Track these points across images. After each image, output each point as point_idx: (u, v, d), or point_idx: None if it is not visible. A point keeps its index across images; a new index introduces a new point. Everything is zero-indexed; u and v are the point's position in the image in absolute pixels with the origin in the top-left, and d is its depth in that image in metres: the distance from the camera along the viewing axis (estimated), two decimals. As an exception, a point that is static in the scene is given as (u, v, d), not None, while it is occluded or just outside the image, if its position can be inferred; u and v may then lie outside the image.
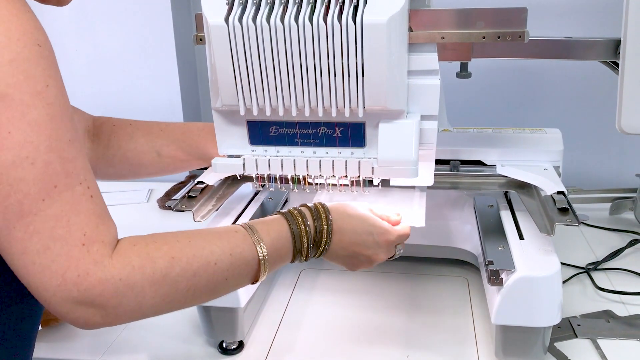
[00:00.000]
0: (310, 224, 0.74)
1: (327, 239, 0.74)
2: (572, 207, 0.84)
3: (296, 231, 0.72)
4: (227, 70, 0.75)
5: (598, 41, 0.95)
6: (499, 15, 0.76)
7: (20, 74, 0.53)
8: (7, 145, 0.52)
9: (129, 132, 0.95)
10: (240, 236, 0.67)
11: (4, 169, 0.52)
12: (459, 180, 1.01)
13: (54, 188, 0.54)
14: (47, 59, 0.55)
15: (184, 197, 0.94)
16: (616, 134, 0.89)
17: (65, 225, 0.54)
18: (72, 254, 0.54)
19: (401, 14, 0.71)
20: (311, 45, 0.72)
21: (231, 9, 0.72)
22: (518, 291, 0.79)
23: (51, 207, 0.54)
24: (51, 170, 0.54)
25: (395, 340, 0.92)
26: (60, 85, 0.56)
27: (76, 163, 0.56)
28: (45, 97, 0.54)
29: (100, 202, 0.58)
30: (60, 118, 0.55)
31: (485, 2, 0.86)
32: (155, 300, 0.59)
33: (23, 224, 0.53)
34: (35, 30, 0.55)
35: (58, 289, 0.54)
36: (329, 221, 0.75)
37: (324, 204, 0.77)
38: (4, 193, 0.52)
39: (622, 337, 0.90)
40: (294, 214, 0.73)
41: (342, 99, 0.75)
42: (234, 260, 0.65)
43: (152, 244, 0.60)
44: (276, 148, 0.83)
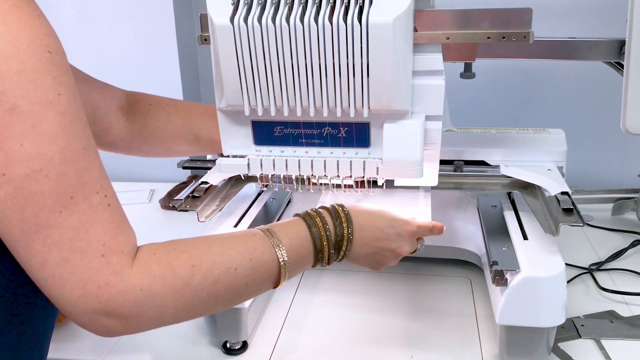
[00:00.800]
0: (330, 224, 0.73)
1: (349, 239, 0.74)
2: (576, 207, 0.84)
3: (315, 232, 0.71)
4: (232, 70, 0.75)
5: (602, 41, 0.95)
6: (504, 16, 0.76)
7: (29, 84, 0.51)
8: (20, 158, 0.51)
9: (167, 112, 0.94)
10: (258, 239, 0.67)
11: (18, 183, 0.51)
12: (462, 180, 1.01)
13: (70, 199, 0.53)
14: (58, 65, 0.54)
15: (188, 197, 0.94)
16: (618, 135, 0.89)
17: (83, 236, 0.54)
18: (92, 266, 0.54)
19: (406, 14, 0.71)
20: (316, 45, 0.72)
21: (236, 9, 0.72)
22: (523, 291, 0.79)
23: (68, 218, 0.53)
24: (66, 181, 0.53)
25: (399, 340, 0.92)
26: (72, 92, 0.55)
27: (92, 172, 0.56)
28: (56, 107, 0.53)
29: (118, 210, 0.58)
30: (73, 126, 0.54)
31: (489, 2, 0.86)
32: (177, 309, 0.59)
33: (41, 237, 0.53)
34: (46, 36, 0.53)
35: (79, 300, 0.54)
36: (349, 220, 0.74)
37: (342, 204, 0.76)
38: (19, 206, 0.52)
39: (625, 338, 0.90)
40: (312, 214, 0.73)
41: (347, 99, 0.75)
42: (254, 264, 0.65)
43: (172, 252, 0.60)
44: (281, 148, 0.83)
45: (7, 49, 0.50)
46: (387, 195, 0.95)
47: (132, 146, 0.95)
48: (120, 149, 0.95)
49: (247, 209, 1.03)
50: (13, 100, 0.51)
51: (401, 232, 0.78)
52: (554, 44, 0.97)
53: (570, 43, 0.97)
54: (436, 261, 1.11)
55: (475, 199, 1.05)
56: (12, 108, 0.50)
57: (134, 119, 0.94)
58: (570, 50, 0.97)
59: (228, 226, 0.96)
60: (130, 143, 0.94)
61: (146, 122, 0.94)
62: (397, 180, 0.94)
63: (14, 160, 0.51)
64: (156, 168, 1.63)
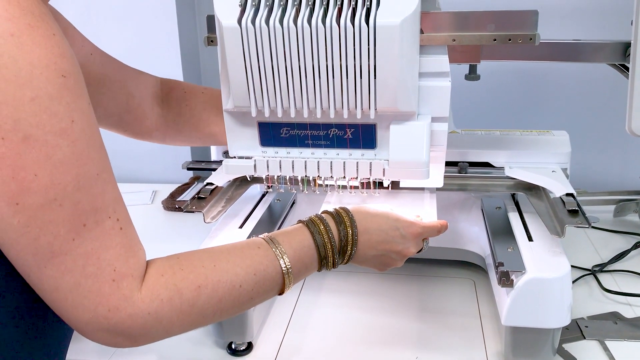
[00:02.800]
0: (334, 229, 0.73)
1: (354, 243, 0.74)
2: (581, 209, 0.85)
3: (319, 239, 0.71)
4: (239, 71, 0.75)
5: (607, 44, 0.95)
6: (510, 18, 0.76)
7: (43, 112, 0.50)
8: (34, 188, 0.51)
9: (202, 101, 0.94)
10: (262, 252, 0.67)
11: (33, 212, 0.51)
12: (466, 182, 1.01)
13: (83, 226, 0.54)
14: (71, 89, 0.52)
15: (194, 198, 0.94)
16: (620, 136, 0.90)
17: (95, 262, 0.55)
18: (103, 290, 0.55)
19: (414, 16, 0.71)
20: (324, 47, 0.72)
21: (244, 10, 0.73)
22: (528, 292, 0.80)
23: (81, 245, 0.54)
24: (80, 209, 0.53)
25: (404, 341, 0.92)
26: (86, 115, 0.54)
27: (105, 196, 0.56)
28: (70, 135, 0.52)
29: (130, 231, 0.59)
30: (87, 153, 0.54)
31: (494, 4, 0.86)
32: (182, 326, 0.61)
33: (54, 264, 0.53)
34: (60, 58, 0.52)
35: (90, 321, 0.56)
36: (354, 224, 0.74)
37: (345, 207, 0.76)
38: (33, 235, 0.52)
39: (629, 339, 0.90)
40: (315, 221, 0.73)
41: (354, 101, 0.75)
42: (258, 279, 0.65)
43: (178, 273, 0.60)
44: (287, 149, 0.83)
45: (21, 75, 0.49)
46: (392, 196, 0.95)
47: (167, 135, 0.96)
48: (154, 139, 0.96)
49: (251, 210, 1.03)
50: (27, 129, 0.50)
51: (406, 233, 0.78)
52: (559, 46, 0.98)
53: (575, 45, 0.97)
54: (440, 262, 1.12)
55: (479, 200, 1.05)
56: (26, 137, 0.50)
57: (169, 108, 0.94)
58: (575, 53, 0.98)
59: (233, 227, 0.96)
60: (164, 132, 0.95)
61: (181, 111, 0.94)
62: (402, 181, 0.94)
63: (28, 190, 0.50)
64: (158, 169, 1.63)
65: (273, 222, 0.99)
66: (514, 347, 0.84)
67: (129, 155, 1.61)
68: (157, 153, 1.62)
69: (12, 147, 0.49)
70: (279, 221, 0.99)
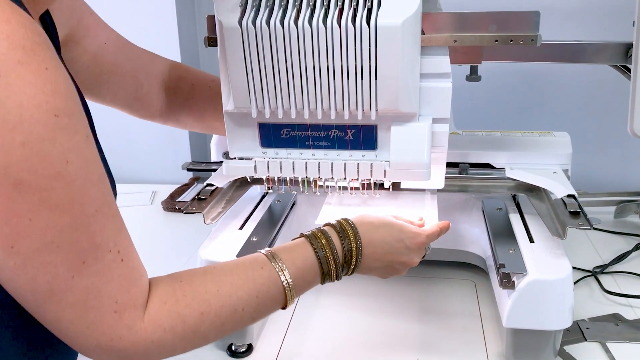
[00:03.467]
0: (337, 244, 0.72)
1: (358, 256, 0.73)
2: (583, 210, 0.85)
3: (322, 255, 0.70)
4: (239, 72, 0.75)
5: (608, 45, 0.95)
6: (511, 19, 0.76)
7: (34, 156, 0.47)
8: (29, 232, 0.49)
9: (208, 94, 0.94)
10: (266, 273, 0.66)
11: (28, 255, 0.50)
12: (467, 183, 1.01)
13: (82, 264, 0.52)
14: (66, 129, 0.49)
15: (194, 199, 0.93)
16: (621, 137, 0.90)
17: (96, 296, 0.54)
18: (105, 322, 0.55)
19: (415, 17, 0.71)
20: (324, 48, 0.72)
21: (244, 11, 0.72)
22: (530, 294, 0.79)
23: (81, 281, 0.53)
24: (78, 248, 0.52)
25: (404, 343, 0.91)
26: (83, 152, 0.51)
27: (104, 231, 0.54)
28: (65, 177, 0.50)
29: (131, 261, 0.57)
30: (84, 192, 0.51)
31: (495, 5, 0.86)
32: (185, 350, 0.61)
33: (54, 300, 0.52)
34: (52, 96, 0.48)
35: (93, 349, 0.56)
36: (358, 237, 0.73)
37: (348, 219, 0.76)
38: (30, 275, 0.51)
39: (631, 341, 0.90)
40: (318, 235, 0.72)
41: (355, 102, 0.75)
42: (260, 301, 0.65)
43: (181, 300, 0.60)
44: (287, 150, 0.82)
45: (9, 119, 0.46)
46: (393, 198, 0.95)
47: (169, 120, 0.97)
48: (155, 120, 0.97)
49: (252, 211, 1.02)
50: (18, 174, 0.47)
51: (410, 244, 0.78)
52: (560, 47, 0.97)
53: (577, 46, 0.97)
54: (440, 264, 1.11)
55: (480, 201, 1.05)
56: (17, 183, 0.47)
57: (174, 96, 0.95)
58: (577, 54, 0.97)
59: (233, 229, 0.96)
60: (167, 118, 0.96)
61: (186, 102, 0.95)
62: (403, 182, 0.93)
63: (23, 235, 0.49)
64: (158, 170, 1.63)
65: (273, 223, 0.98)
66: (515, 349, 0.84)
67: (129, 155, 1.60)
68: (157, 154, 1.62)
69: (3, 192, 0.47)
70: (279, 222, 0.99)
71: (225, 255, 0.87)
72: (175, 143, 1.60)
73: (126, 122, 1.56)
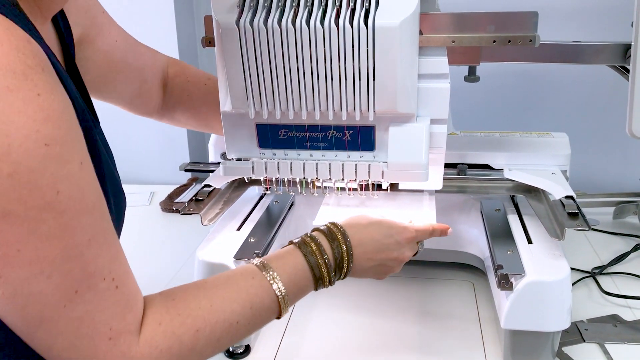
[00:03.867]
0: (327, 248, 0.72)
1: (349, 257, 0.73)
2: (581, 211, 0.84)
3: (312, 260, 0.70)
4: (237, 73, 0.75)
5: (607, 45, 0.95)
6: (509, 19, 0.76)
7: (22, 187, 0.46)
8: (18, 263, 0.48)
9: (203, 92, 0.93)
10: (257, 282, 0.66)
11: (18, 284, 0.48)
12: (466, 184, 1.01)
13: (74, 293, 0.51)
14: (57, 158, 0.47)
15: (191, 200, 0.93)
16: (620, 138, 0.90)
17: (90, 324, 0.52)
18: (100, 349, 0.53)
19: (413, 17, 0.71)
20: (322, 48, 0.72)
21: (242, 11, 0.72)
22: (528, 296, 0.79)
23: (74, 310, 0.51)
24: (70, 278, 0.50)
25: (402, 344, 0.91)
26: (76, 180, 0.50)
27: (98, 260, 0.52)
28: (55, 207, 0.48)
29: (127, 287, 0.56)
30: (76, 221, 0.50)
31: (494, 5, 0.86)
32: None
33: (45, 329, 0.51)
34: (43, 123, 0.46)
35: None
36: (347, 238, 0.73)
37: (336, 222, 0.75)
38: (20, 305, 0.49)
39: (629, 342, 0.89)
40: (307, 241, 0.71)
41: (353, 103, 0.75)
42: (254, 312, 0.64)
43: (176, 319, 0.59)
44: (285, 151, 0.82)
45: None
46: (391, 198, 0.95)
47: (164, 117, 0.97)
48: (152, 117, 0.97)
49: (249, 212, 1.02)
50: (6, 205, 0.46)
51: (400, 239, 0.78)
52: (559, 48, 0.97)
53: (575, 47, 0.97)
54: (439, 265, 1.11)
55: (478, 202, 1.05)
56: (5, 214, 0.46)
57: (170, 94, 0.95)
58: (575, 54, 0.97)
59: (231, 229, 0.96)
60: (163, 115, 0.96)
61: (181, 99, 0.95)
62: (401, 183, 0.93)
63: (11, 265, 0.47)
64: (156, 170, 1.63)
65: (271, 224, 0.98)
66: (513, 351, 0.84)
67: (127, 156, 1.60)
68: (156, 154, 1.62)
69: None
70: (277, 223, 0.99)
71: (222, 256, 0.86)
72: (174, 144, 1.60)
73: (125, 123, 1.56)
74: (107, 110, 0.91)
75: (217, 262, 0.86)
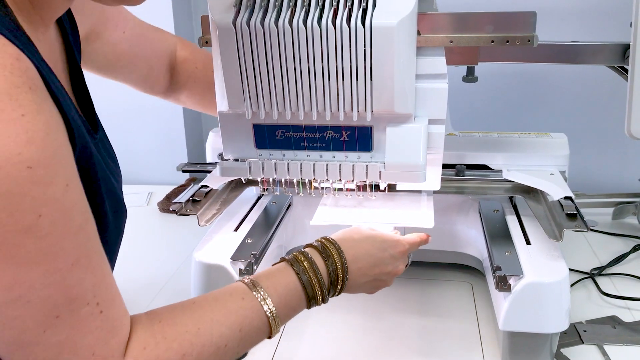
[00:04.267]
0: (321, 265, 0.70)
1: (345, 274, 0.71)
2: (580, 212, 0.84)
3: (305, 279, 0.67)
4: (233, 73, 0.75)
5: (606, 45, 0.95)
6: (508, 19, 0.75)
7: (2, 211, 0.44)
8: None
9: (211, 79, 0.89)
10: (247, 304, 0.63)
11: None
12: (464, 184, 1.01)
13: (55, 318, 0.49)
14: (40, 181, 0.46)
15: (188, 200, 0.93)
16: (619, 139, 0.89)
17: (71, 349, 0.50)
18: None
19: (410, 17, 0.70)
20: (319, 48, 0.71)
21: (239, 11, 0.72)
22: (526, 297, 0.79)
23: (54, 335, 0.49)
24: (51, 303, 0.48)
25: (400, 346, 0.91)
26: (60, 203, 0.48)
27: (82, 284, 0.50)
28: (36, 231, 0.46)
29: (112, 311, 0.53)
30: (59, 245, 0.48)
31: (492, 5, 0.86)
32: None
33: (24, 353, 0.49)
34: (26, 145, 0.45)
35: None
36: (342, 254, 0.71)
37: (329, 237, 0.74)
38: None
39: (628, 343, 0.89)
40: (300, 259, 0.69)
41: (350, 103, 0.74)
42: (244, 335, 0.62)
43: (162, 343, 0.56)
44: (282, 152, 0.82)
45: None
46: (389, 199, 0.94)
47: (170, 97, 0.99)
48: (158, 96, 0.99)
49: (247, 213, 1.02)
50: None
51: (394, 253, 0.77)
52: (557, 48, 0.97)
53: (574, 47, 0.97)
54: (437, 265, 1.11)
55: (477, 203, 1.04)
56: None
57: (177, 78, 0.96)
58: (574, 54, 0.97)
59: (228, 230, 0.95)
60: (168, 96, 0.98)
61: (187, 84, 0.96)
62: (399, 184, 0.93)
63: None
64: (154, 170, 1.62)
65: (269, 225, 0.98)
66: (511, 352, 0.83)
67: (125, 156, 1.59)
68: (154, 154, 1.61)
69: None
70: (274, 224, 0.98)
71: (219, 257, 0.86)
72: (172, 144, 1.59)
73: (123, 123, 1.56)
74: (107, 110, 0.91)
75: (214, 263, 0.85)
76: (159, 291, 1.07)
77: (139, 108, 1.56)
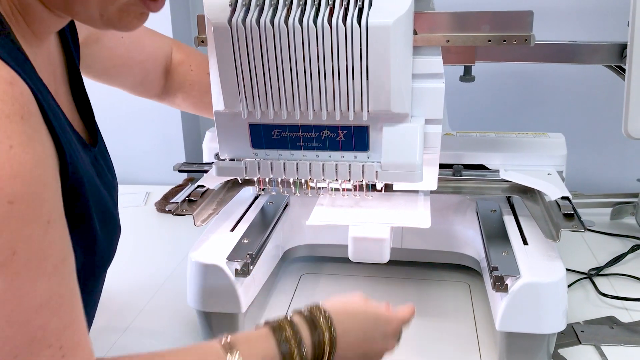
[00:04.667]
0: (305, 337, 0.63)
1: (333, 347, 0.65)
2: (577, 212, 0.84)
3: (285, 349, 0.61)
4: (229, 72, 0.74)
5: (603, 45, 0.94)
6: (504, 19, 0.75)
7: None
8: None
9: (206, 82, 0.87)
10: None
11: None
12: (461, 184, 1.00)
13: (13, 358, 0.46)
14: (19, 216, 0.44)
15: (184, 200, 0.92)
16: (617, 138, 0.89)
17: None
18: None
19: (406, 16, 0.70)
20: (315, 47, 0.71)
21: (234, 10, 0.71)
22: (523, 297, 0.79)
23: None
24: (11, 343, 0.46)
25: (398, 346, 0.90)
26: (37, 241, 0.46)
27: (47, 327, 0.47)
28: (7, 269, 0.44)
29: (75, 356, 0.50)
30: (29, 285, 0.46)
31: (489, 5, 0.85)
32: None
33: None
34: (10, 180, 0.43)
35: None
36: (332, 327, 0.66)
37: (320, 307, 0.68)
38: None
39: (626, 344, 0.89)
40: (284, 326, 0.63)
41: (346, 102, 0.74)
42: None
43: None
44: (278, 151, 0.81)
45: None
46: (385, 199, 0.94)
47: (164, 100, 0.99)
48: (153, 99, 0.99)
49: (243, 213, 1.01)
50: None
51: (386, 330, 0.72)
52: (554, 48, 0.97)
53: (571, 46, 0.96)
54: (434, 265, 1.10)
55: (474, 203, 1.04)
56: None
57: (172, 81, 0.96)
58: (571, 54, 0.97)
59: (225, 230, 0.95)
60: (163, 99, 0.98)
61: (182, 87, 0.96)
62: (395, 184, 0.93)
63: None
64: (152, 170, 1.62)
65: (265, 225, 0.97)
66: (508, 353, 0.83)
67: (123, 156, 1.59)
68: (151, 154, 1.61)
69: None
70: (271, 224, 0.98)
71: (215, 257, 0.86)
72: (170, 144, 1.59)
73: (121, 123, 1.56)
74: (104, 110, 0.91)
75: (210, 263, 0.85)
76: (156, 291, 1.07)
77: (137, 108, 1.56)
